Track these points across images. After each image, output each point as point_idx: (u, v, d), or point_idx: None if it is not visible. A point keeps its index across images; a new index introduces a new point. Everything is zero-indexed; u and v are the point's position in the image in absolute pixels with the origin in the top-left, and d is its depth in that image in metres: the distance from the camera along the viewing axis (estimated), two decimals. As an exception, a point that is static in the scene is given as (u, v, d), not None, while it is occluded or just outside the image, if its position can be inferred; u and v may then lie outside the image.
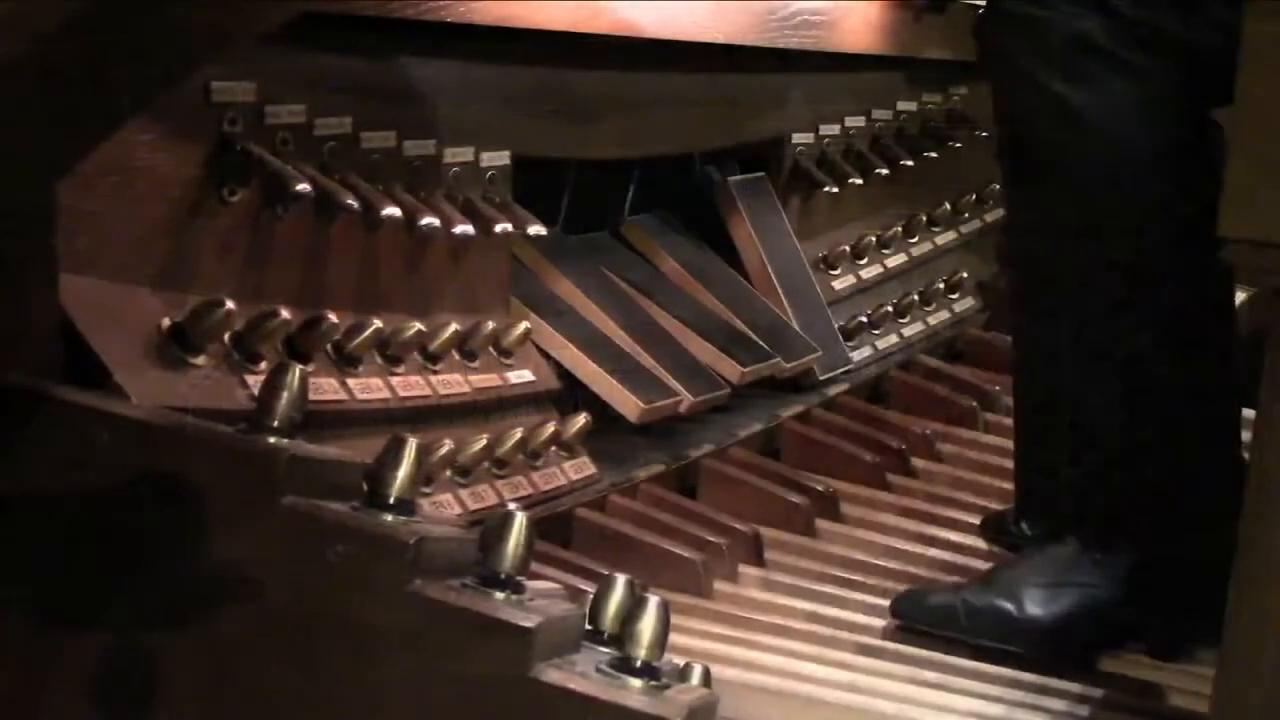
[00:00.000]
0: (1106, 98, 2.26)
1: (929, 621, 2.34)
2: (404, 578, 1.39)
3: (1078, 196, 2.30)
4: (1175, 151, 2.26)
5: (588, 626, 1.46)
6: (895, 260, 3.58)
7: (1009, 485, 2.97)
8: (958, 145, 3.82)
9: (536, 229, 2.39)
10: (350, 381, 2.08)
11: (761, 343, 2.96)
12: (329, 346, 2.07)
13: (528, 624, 1.36)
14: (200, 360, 1.87)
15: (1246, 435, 2.25)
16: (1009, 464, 3.06)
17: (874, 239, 3.50)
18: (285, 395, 1.48)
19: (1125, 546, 2.40)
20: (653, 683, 1.39)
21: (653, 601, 1.40)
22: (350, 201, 2.03)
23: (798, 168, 3.29)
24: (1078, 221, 2.31)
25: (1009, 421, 3.30)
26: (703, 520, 2.54)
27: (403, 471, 1.45)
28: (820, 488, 2.79)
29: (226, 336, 1.91)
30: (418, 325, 2.19)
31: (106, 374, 1.74)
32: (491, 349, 2.36)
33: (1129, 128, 2.26)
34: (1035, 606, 2.37)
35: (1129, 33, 2.25)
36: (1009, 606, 2.36)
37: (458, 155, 2.33)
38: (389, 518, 1.43)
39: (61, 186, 1.64)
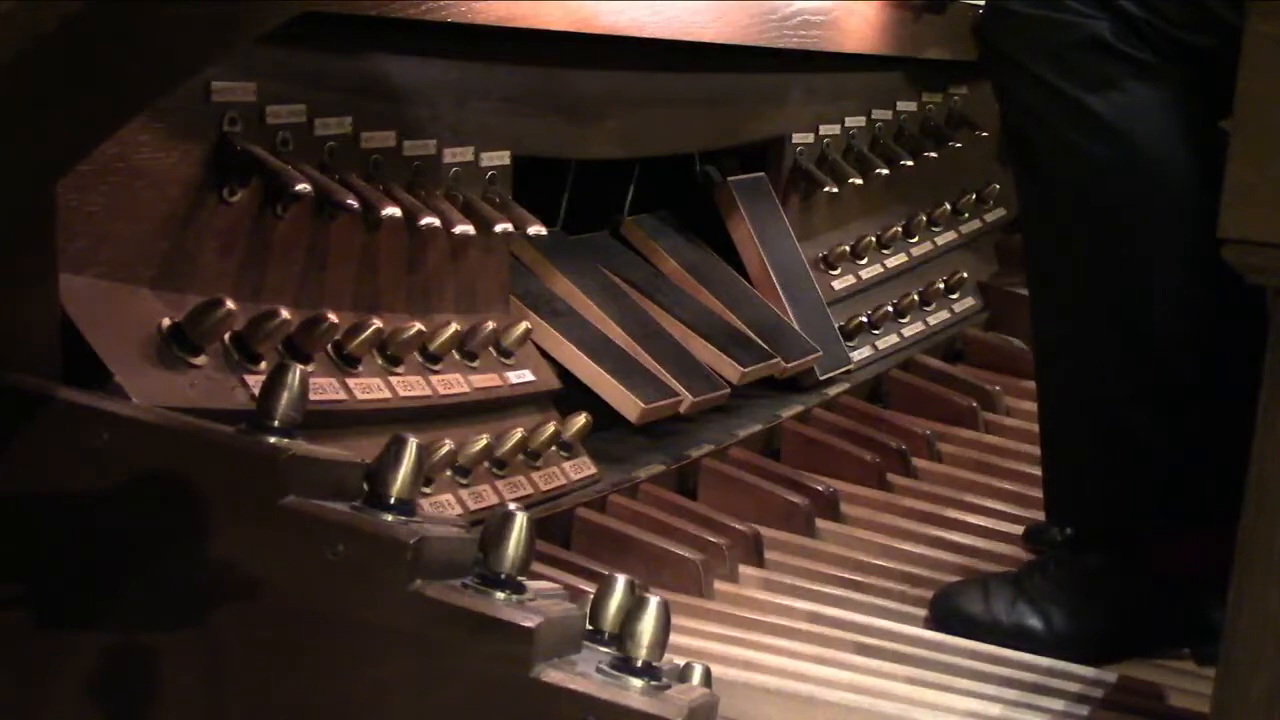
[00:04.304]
0: (1125, 100, 2.25)
1: (964, 633, 2.34)
2: (404, 578, 1.39)
3: (1098, 200, 2.28)
4: (1196, 150, 2.25)
5: (588, 626, 1.46)
6: (895, 260, 3.58)
7: (1009, 485, 2.98)
8: (958, 145, 3.82)
9: (536, 229, 2.39)
10: (350, 381, 2.08)
11: (761, 343, 2.96)
12: (329, 346, 2.07)
13: (528, 624, 1.36)
14: (200, 360, 1.87)
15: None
16: (1009, 464, 3.07)
17: (874, 239, 3.50)
18: (285, 395, 1.48)
19: (1154, 549, 2.39)
20: (653, 683, 1.39)
21: (653, 601, 1.40)
22: (350, 201, 2.03)
23: (798, 168, 3.30)
24: (1099, 223, 2.29)
25: (1009, 421, 3.32)
26: (703, 520, 2.54)
27: (403, 471, 1.45)
28: (820, 488, 2.79)
29: (226, 336, 1.91)
30: (418, 325, 2.19)
31: (107, 374, 1.74)
32: (491, 349, 2.36)
33: (1150, 128, 2.25)
34: (1064, 623, 2.36)
35: (1137, 34, 2.25)
36: (1038, 625, 2.36)
37: (458, 155, 2.33)
38: (389, 518, 1.43)
39: (61, 186, 1.64)
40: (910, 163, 3.60)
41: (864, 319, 3.35)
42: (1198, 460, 2.33)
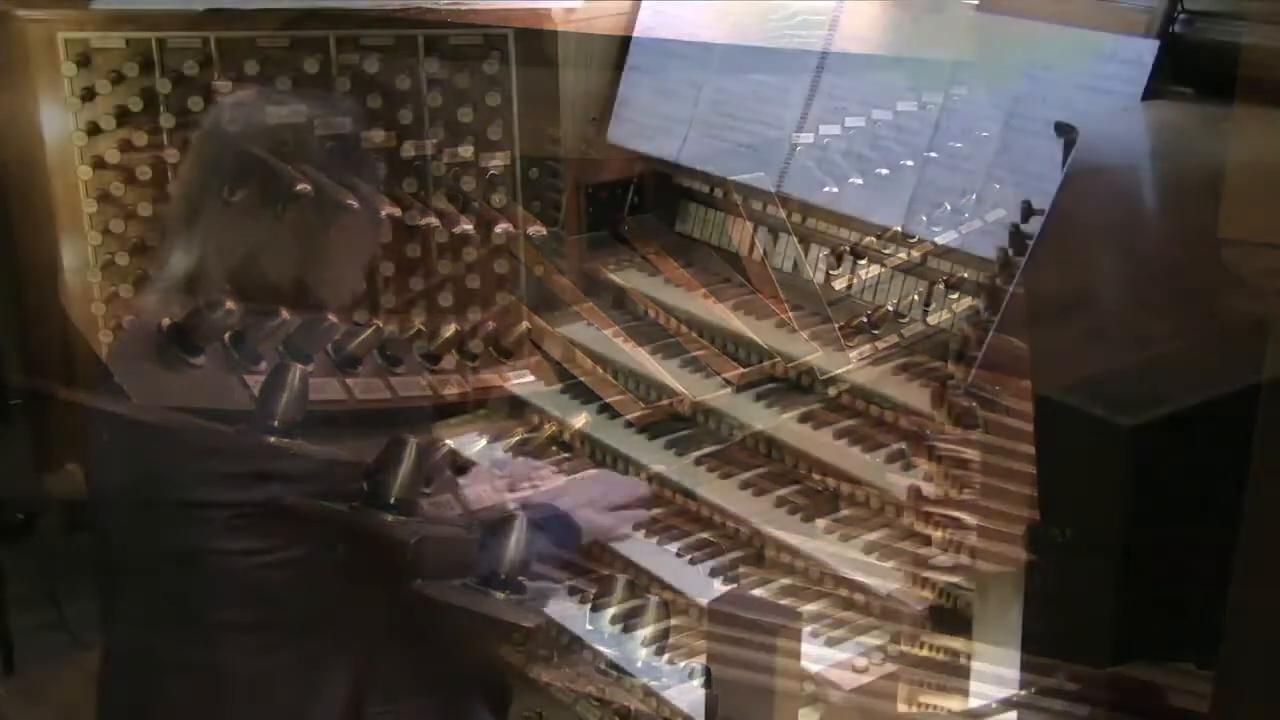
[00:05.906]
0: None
1: (964, 633, 2.34)
2: (404, 578, 1.39)
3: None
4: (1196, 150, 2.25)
5: (588, 627, 1.46)
6: (895, 260, 3.58)
7: (1009, 485, 2.97)
8: (957, 145, 3.81)
9: (536, 229, 2.40)
10: (350, 381, 2.08)
11: (762, 343, 2.96)
12: (329, 346, 2.07)
13: (528, 624, 1.36)
14: (200, 360, 1.87)
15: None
16: (1009, 464, 3.07)
17: (874, 239, 3.49)
18: (285, 395, 1.48)
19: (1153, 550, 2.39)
20: (653, 682, 1.39)
21: (652, 601, 1.40)
22: (350, 201, 2.03)
23: (798, 168, 3.29)
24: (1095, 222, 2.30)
25: (1009, 421, 3.31)
26: (703, 520, 2.54)
27: (403, 471, 1.45)
28: (820, 488, 2.79)
29: (226, 336, 1.91)
30: (418, 325, 2.19)
31: (107, 374, 1.74)
32: (491, 349, 2.36)
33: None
34: (1064, 623, 2.36)
35: None
36: (1037, 625, 2.36)
37: (458, 155, 2.33)
38: (389, 518, 1.43)
39: (61, 186, 1.64)
40: (910, 163, 3.59)
41: (864, 319, 3.34)
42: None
